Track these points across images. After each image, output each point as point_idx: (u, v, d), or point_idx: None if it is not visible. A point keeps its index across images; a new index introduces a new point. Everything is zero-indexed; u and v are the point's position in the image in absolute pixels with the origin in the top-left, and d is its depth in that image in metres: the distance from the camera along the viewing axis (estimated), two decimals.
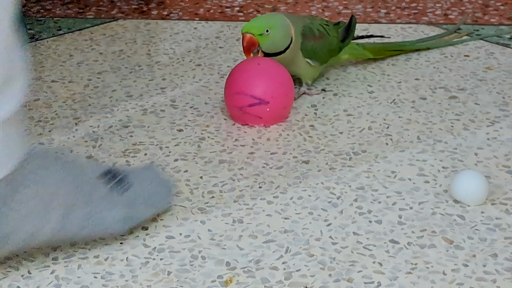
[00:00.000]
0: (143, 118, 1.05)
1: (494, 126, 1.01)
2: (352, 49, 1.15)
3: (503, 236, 0.80)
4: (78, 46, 1.27)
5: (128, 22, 1.37)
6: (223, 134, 1.01)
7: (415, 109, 1.06)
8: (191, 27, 1.34)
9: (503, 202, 0.86)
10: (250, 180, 0.91)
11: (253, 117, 1.02)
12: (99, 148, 0.98)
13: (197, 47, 1.26)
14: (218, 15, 1.39)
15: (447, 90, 1.10)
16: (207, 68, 1.19)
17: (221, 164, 0.94)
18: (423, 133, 1.00)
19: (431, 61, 1.19)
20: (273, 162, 0.95)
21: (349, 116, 1.05)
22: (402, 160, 0.94)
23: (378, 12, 1.38)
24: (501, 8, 1.38)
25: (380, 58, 1.19)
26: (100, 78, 1.16)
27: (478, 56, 1.20)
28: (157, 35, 1.31)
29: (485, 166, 0.92)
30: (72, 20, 1.38)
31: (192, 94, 1.11)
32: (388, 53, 1.20)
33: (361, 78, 1.15)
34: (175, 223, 0.84)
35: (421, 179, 0.90)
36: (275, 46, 1.05)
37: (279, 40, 1.05)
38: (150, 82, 1.15)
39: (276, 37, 1.04)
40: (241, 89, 1.01)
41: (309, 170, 0.93)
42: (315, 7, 1.41)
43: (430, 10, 1.38)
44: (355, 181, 0.90)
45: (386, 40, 1.23)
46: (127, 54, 1.24)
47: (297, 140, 0.99)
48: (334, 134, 1.00)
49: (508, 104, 1.06)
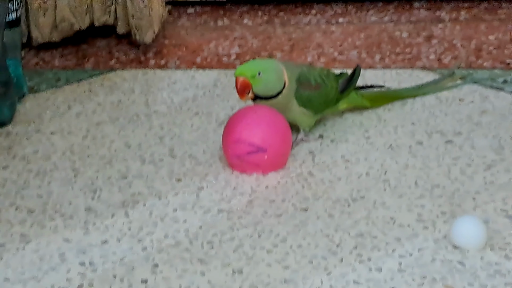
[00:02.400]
0: (142, 168, 1.06)
1: (491, 170, 1.01)
2: (350, 99, 1.16)
3: (503, 282, 0.80)
4: (76, 97, 1.28)
5: (126, 72, 1.38)
6: (221, 183, 1.01)
7: (412, 154, 1.06)
8: (188, 76, 1.35)
9: (502, 247, 0.86)
10: (249, 229, 0.91)
11: (252, 165, 1.03)
12: (98, 199, 0.98)
13: (194, 96, 1.27)
14: (215, 63, 1.41)
15: (443, 134, 1.11)
16: (205, 117, 1.20)
17: (220, 213, 0.95)
18: (421, 178, 1.00)
19: (427, 105, 1.20)
20: (272, 210, 0.95)
21: (346, 162, 1.05)
22: (400, 206, 0.95)
23: (373, 58, 1.40)
24: (493, 52, 1.40)
25: (378, 106, 1.20)
26: (99, 129, 1.17)
27: (473, 100, 1.21)
28: (155, 85, 1.32)
29: (483, 211, 0.93)
30: (70, 72, 1.39)
31: (190, 143, 1.12)
32: (385, 100, 1.21)
33: (357, 123, 1.16)
34: (175, 275, 0.84)
35: (420, 225, 0.91)
36: (268, 89, 1.06)
37: (272, 83, 1.06)
38: (149, 132, 1.16)
39: (269, 80, 1.05)
40: (239, 138, 1.02)
41: (308, 218, 0.93)
42: (310, 54, 1.42)
43: (424, 55, 1.40)
44: (354, 228, 0.91)
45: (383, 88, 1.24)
46: (125, 104, 1.25)
47: (296, 187, 1.00)
48: (332, 181, 1.01)
49: (504, 148, 1.06)
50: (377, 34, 1.50)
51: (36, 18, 1.44)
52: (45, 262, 0.86)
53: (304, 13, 1.63)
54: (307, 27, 1.56)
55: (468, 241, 0.85)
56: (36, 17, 1.44)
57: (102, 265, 0.86)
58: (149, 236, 0.90)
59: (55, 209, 0.97)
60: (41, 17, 1.44)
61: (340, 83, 1.14)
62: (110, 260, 0.87)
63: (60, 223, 0.94)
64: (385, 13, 1.61)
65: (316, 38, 1.50)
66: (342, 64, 1.37)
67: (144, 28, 1.42)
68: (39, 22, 1.45)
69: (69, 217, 0.95)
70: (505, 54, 1.38)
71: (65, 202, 0.98)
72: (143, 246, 0.89)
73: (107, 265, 0.86)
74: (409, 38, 1.48)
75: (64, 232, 0.92)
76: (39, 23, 1.45)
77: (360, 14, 1.61)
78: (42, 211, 0.96)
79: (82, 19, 1.45)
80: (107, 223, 0.93)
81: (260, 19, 1.61)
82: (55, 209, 0.97)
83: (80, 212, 0.96)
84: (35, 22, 1.45)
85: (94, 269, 0.85)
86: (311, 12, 1.63)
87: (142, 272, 0.84)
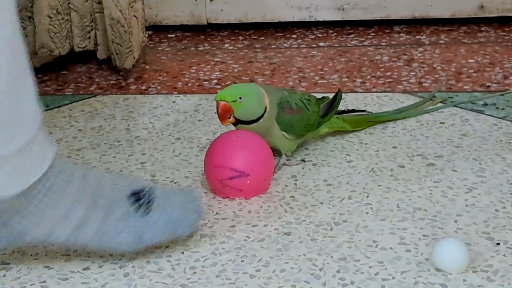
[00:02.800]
0: None
1: (472, 193, 1.02)
2: (331, 123, 1.16)
3: None
4: (57, 123, 1.28)
5: (107, 97, 1.38)
6: (203, 208, 1.01)
7: (394, 177, 1.07)
8: (169, 101, 1.35)
9: (484, 269, 0.86)
10: (232, 253, 0.91)
11: (234, 190, 1.02)
12: None
13: (176, 121, 1.27)
14: (196, 88, 1.41)
15: (424, 157, 1.12)
16: (186, 142, 1.20)
17: (203, 238, 0.94)
18: (403, 201, 1.01)
19: (408, 129, 1.21)
20: (255, 235, 0.95)
21: (329, 186, 1.05)
22: (383, 229, 0.95)
23: (354, 82, 1.40)
24: (473, 75, 1.41)
25: (359, 129, 1.20)
26: (80, 155, 1.17)
27: (454, 123, 1.22)
28: (136, 110, 1.32)
29: (465, 233, 0.93)
30: (50, 97, 1.39)
31: (172, 168, 1.12)
32: (366, 124, 1.21)
33: (339, 147, 1.16)
34: None
35: (402, 248, 0.91)
36: (249, 113, 1.06)
37: (253, 107, 1.06)
38: (130, 157, 1.15)
39: (249, 105, 1.05)
40: (221, 162, 1.02)
41: (291, 242, 0.93)
42: (291, 78, 1.43)
43: (405, 79, 1.40)
44: (337, 251, 0.91)
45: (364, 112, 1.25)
46: (106, 129, 1.25)
47: (278, 212, 1.00)
48: (314, 205, 1.01)
49: (485, 170, 1.07)
50: (357, 58, 1.51)
51: None
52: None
53: (284, 37, 1.64)
54: (288, 51, 1.56)
55: (449, 264, 0.85)
56: None
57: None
58: (131, 263, 0.90)
59: None
60: None
61: (322, 107, 1.14)
62: (91, 286, 0.86)
63: (41, 250, 0.93)
64: (365, 37, 1.62)
65: (297, 63, 1.50)
66: (323, 88, 1.38)
67: (124, 54, 1.42)
68: None
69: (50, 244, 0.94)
70: (485, 77, 1.39)
71: None
72: (125, 272, 0.88)
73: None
74: (389, 61, 1.49)
75: (45, 259, 0.91)
76: None
77: (341, 38, 1.62)
78: None
79: (62, 45, 1.45)
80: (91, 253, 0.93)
81: (241, 44, 1.62)
82: None
83: None
84: None
85: None
86: (292, 37, 1.64)
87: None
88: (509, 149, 1.13)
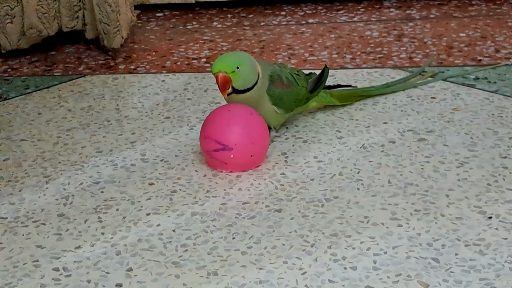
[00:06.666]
0: (114, 173, 1.05)
1: (464, 167, 1.02)
2: (319, 97, 1.16)
3: (478, 277, 0.80)
4: (46, 104, 1.27)
5: (96, 77, 1.37)
6: (194, 186, 1.01)
7: (385, 153, 1.06)
8: (158, 80, 1.34)
9: (476, 243, 0.86)
10: (223, 231, 0.91)
11: (219, 162, 1.03)
12: (70, 205, 0.97)
13: (165, 100, 1.27)
14: (185, 67, 1.40)
15: (415, 132, 1.11)
16: (176, 121, 1.19)
17: (194, 216, 0.94)
18: (394, 177, 1.00)
19: (399, 104, 1.20)
20: (246, 212, 0.94)
21: (319, 162, 1.05)
22: (374, 204, 0.95)
23: (343, 58, 1.40)
24: (465, 49, 1.40)
25: (347, 104, 1.20)
26: (70, 135, 1.16)
27: (445, 97, 1.21)
28: (125, 90, 1.31)
29: (457, 208, 0.93)
30: (39, 78, 1.38)
31: (162, 147, 1.11)
32: (354, 99, 1.21)
33: (329, 124, 1.15)
34: (149, 278, 0.83)
35: (394, 223, 0.91)
36: (245, 82, 1.06)
37: (248, 75, 1.06)
38: (120, 137, 1.15)
39: (246, 73, 1.05)
40: (208, 134, 1.02)
41: (282, 219, 0.93)
42: (281, 55, 1.42)
43: (395, 54, 1.40)
44: (328, 228, 0.90)
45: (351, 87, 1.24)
46: (95, 109, 1.24)
47: (269, 189, 0.99)
48: (305, 181, 1.01)
49: (476, 145, 1.07)
50: (347, 34, 1.50)
51: (3, 26, 1.43)
52: (18, 269, 0.85)
53: (273, 15, 1.63)
54: (277, 28, 1.56)
55: None
56: (3, 24, 1.43)
57: (76, 270, 0.85)
58: (122, 241, 0.90)
59: (27, 216, 0.96)
60: (8, 24, 1.43)
61: (310, 83, 1.14)
62: (84, 265, 0.86)
63: (33, 229, 0.93)
64: (355, 13, 1.61)
65: (286, 40, 1.49)
66: (313, 64, 1.37)
67: (112, 33, 1.41)
68: (6, 29, 1.43)
69: (42, 223, 0.94)
70: (476, 51, 1.39)
71: (38, 209, 0.97)
72: (117, 251, 0.88)
73: (81, 270, 0.85)
74: (379, 37, 1.48)
75: (37, 238, 0.91)
76: (7, 31, 1.44)
77: (330, 15, 1.61)
78: (15, 218, 0.95)
79: (50, 26, 1.44)
80: (80, 228, 0.93)
81: (229, 22, 1.61)
82: (27, 216, 0.96)
83: (52, 218, 0.95)
84: (3, 29, 1.43)
85: (68, 275, 0.84)
86: (281, 14, 1.63)
87: (117, 277, 0.83)
88: (500, 123, 1.12)
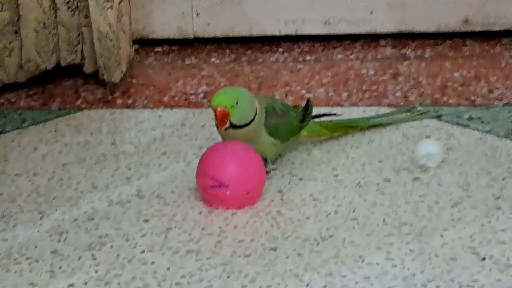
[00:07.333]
0: (109, 209, 1.05)
1: (458, 207, 1.02)
2: (310, 127, 1.18)
3: None
4: (42, 138, 1.27)
5: (93, 112, 1.37)
6: (190, 223, 1.01)
7: (380, 192, 1.07)
8: (156, 115, 1.35)
9: (470, 284, 0.86)
10: (218, 269, 0.91)
11: (215, 199, 1.03)
12: (64, 242, 0.97)
13: (162, 135, 1.27)
14: (183, 102, 1.41)
15: (410, 171, 1.12)
16: (172, 156, 1.20)
17: (189, 254, 0.94)
18: (389, 216, 1.01)
19: (393, 142, 1.21)
20: (241, 250, 0.94)
21: (315, 200, 1.05)
22: (369, 244, 0.95)
23: (340, 96, 1.40)
24: (459, 88, 1.41)
25: (338, 135, 1.22)
26: (65, 170, 1.16)
27: (439, 137, 1.22)
28: (122, 124, 1.32)
29: (450, 248, 0.93)
30: (36, 112, 1.38)
31: (158, 183, 1.11)
32: (343, 129, 1.22)
33: (325, 161, 1.16)
34: None
35: (389, 263, 0.91)
36: (243, 117, 1.06)
37: (247, 111, 1.06)
38: (116, 172, 1.15)
39: (244, 108, 1.06)
40: (205, 170, 1.03)
41: (277, 257, 0.93)
42: (278, 92, 1.43)
43: (391, 92, 1.41)
44: (324, 267, 0.90)
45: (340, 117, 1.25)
46: (92, 144, 1.25)
47: (265, 227, 0.99)
48: (301, 220, 1.01)
49: (470, 185, 1.07)
50: (343, 72, 1.51)
51: (1, 59, 1.44)
52: None
53: (271, 51, 1.64)
54: (275, 65, 1.57)
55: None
56: (1, 57, 1.44)
57: None
58: (116, 279, 0.89)
59: (20, 252, 0.95)
60: (6, 57, 1.44)
61: (298, 114, 1.15)
62: None
63: (26, 266, 0.92)
64: (351, 51, 1.62)
65: (283, 76, 1.50)
66: None
67: (113, 67, 1.42)
68: (4, 62, 1.44)
69: (35, 261, 0.93)
70: (470, 91, 1.40)
71: (31, 245, 0.97)
72: None
73: None
74: (375, 75, 1.49)
75: (30, 276, 0.91)
76: (5, 64, 1.44)
77: (327, 52, 1.62)
78: (7, 255, 0.95)
79: (48, 59, 1.44)
80: (74, 266, 0.92)
81: (227, 58, 1.62)
82: (20, 252, 0.95)
83: (46, 255, 0.95)
84: (0, 63, 1.44)
85: None
86: (279, 50, 1.64)
87: None
88: (494, 164, 1.13)
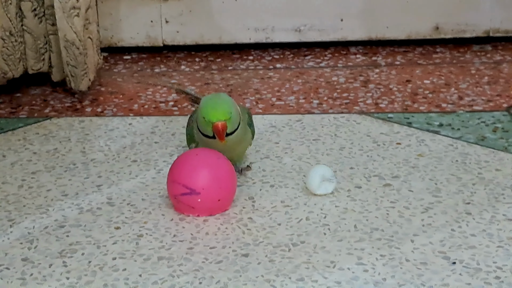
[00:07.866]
0: (80, 217, 1.04)
1: (428, 213, 1.03)
2: None
3: None
4: (11, 146, 1.26)
5: (62, 120, 1.37)
6: (161, 230, 1.00)
7: (351, 198, 1.07)
8: (126, 123, 1.34)
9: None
10: (190, 276, 0.90)
11: (186, 207, 1.03)
12: (34, 249, 0.96)
13: (132, 143, 1.26)
14: (153, 110, 1.40)
15: (381, 178, 1.12)
16: (143, 164, 1.19)
17: (160, 260, 0.94)
18: (360, 222, 1.01)
19: (365, 149, 1.21)
20: (213, 257, 0.94)
21: (286, 207, 1.05)
22: (340, 249, 0.95)
23: (311, 103, 1.41)
24: (429, 95, 1.42)
25: None
26: (35, 178, 1.15)
27: (410, 143, 1.23)
28: (92, 132, 1.31)
29: (421, 253, 0.94)
30: (4, 120, 1.37)
31: (128, 191, 1.11)
32: None
33: (296, 168, 1.16)
34: None
35: (360, 268, 0.91)
36: (234, 124, 1.07)
37: (236, 117, 1.07)
38: (86, 180, 1.14)
39: (235, 116, 1.07)
40: (175, 178, 1.02)
41: (249, 263, 0.92)
42: (249, 99, 1.43)
43: (361, 100, 1.41)
44: (295, 272, 0.90)
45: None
46: (61, 152, 1.24)
47: (236, 233, 0.99)
48: (272, 226, 1.01)
49: (440, 191, 1.08)
50: (314, 79, 1.52)
51: None
52: None
53: (241, 59, 1.64)
54: (245, 73, 1.57)
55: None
56: None
57: None
58: (88, 286, 0.89)
59: None
60: None
61: None
62: None
63: None
64: (322, 59, 1.62)
65: (254, 84, 1.50)
66: (280, 109, 1.38)
67: (80, 76, 1.41)
68: None
69: (6, 268, 0.92)
70: (440, 98, 1.41)
71: (1, 253, 0.96)
72: None
73: None
74: (346, 83, 1.50)
75: (1, 283, 0.90)
76: None
77: (297, 60, 1.62)
78: None
79: (15, 67, 1.43)
80: (45, 273, 0.92)
81: (197, 65, 1.62)
82: None
83: (17, 263, 0.94)
84: None
85: None
86: (249, 58, 1.64)
87: None
88: (464, 169, 1.14)
